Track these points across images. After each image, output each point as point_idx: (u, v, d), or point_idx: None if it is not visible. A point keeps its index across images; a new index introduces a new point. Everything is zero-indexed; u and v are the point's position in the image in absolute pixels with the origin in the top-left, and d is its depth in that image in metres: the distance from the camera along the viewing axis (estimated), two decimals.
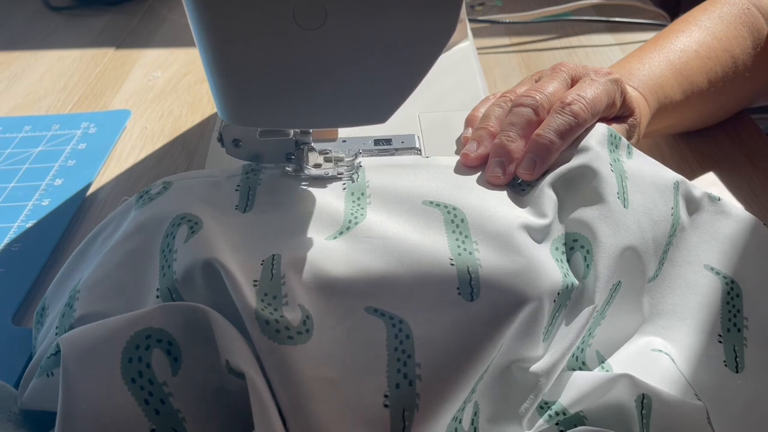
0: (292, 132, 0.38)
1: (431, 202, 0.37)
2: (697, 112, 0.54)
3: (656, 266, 0.39)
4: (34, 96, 0.72)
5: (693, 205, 0.41)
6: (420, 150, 0.45)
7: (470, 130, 0.44)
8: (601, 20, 0.79)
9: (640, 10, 0.81)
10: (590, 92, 0.41)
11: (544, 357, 0.34)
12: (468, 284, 0.33)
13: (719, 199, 0.42)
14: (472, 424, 0.33)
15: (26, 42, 0.83)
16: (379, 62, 0.30)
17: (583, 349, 0.36)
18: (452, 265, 0.33)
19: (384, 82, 0.31)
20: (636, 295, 0.38)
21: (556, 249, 0.36)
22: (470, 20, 0.75)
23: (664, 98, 0.49)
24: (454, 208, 0.37)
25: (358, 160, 0.41)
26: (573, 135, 0.40)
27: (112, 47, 0.81)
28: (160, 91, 0.71)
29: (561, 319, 0.35)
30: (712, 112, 0.55)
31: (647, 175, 0.40)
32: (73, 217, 0.53)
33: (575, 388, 0.34)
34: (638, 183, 0.39)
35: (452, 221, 0.36)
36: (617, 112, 0.44)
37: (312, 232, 0.36)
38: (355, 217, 0.37)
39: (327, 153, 0.41)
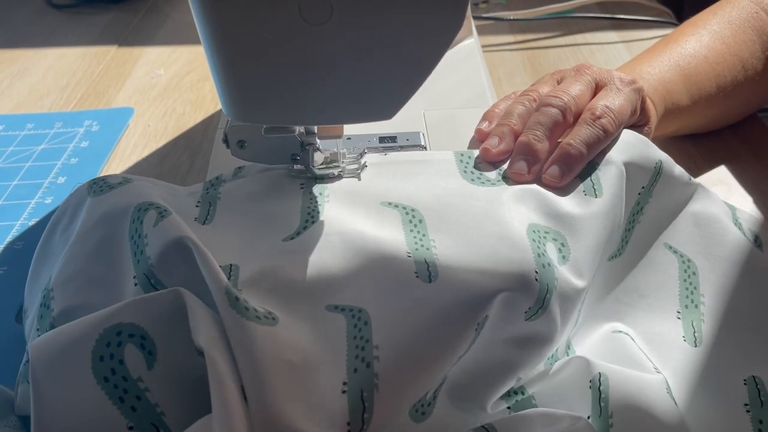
0: (297, 129, 0.38)
1: (389, 203, 0.38)
2: (705, 117, 0.54)
3: (619, 244, 0.40)
4: (37, 94, 0.71)
5: (669, 184, 0.42)
6: (425, 147, 0.45)
7: (486, 123, 0.44)
8: (605, 17, 0.78)
9: (645, 7, 0.80)
10: (617, 103, 0.41)
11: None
12: (426, 270, 0.33)
13: (690, 180, 0.42)
14: (435, 392, 0.33)
15: (29, 40, 0.83)
16: (385, 58, 0.30)
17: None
18: (409, 256, 0.33)
19: (390, 78, 0.31)
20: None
21: (534, 232, 0.36)
22: (474, 17, 0.75)
23: (671, 103, 0.48)
24: (413, 209, 0.37)
25: (363, 159, 0.41)
26: (600, 148, 0.40)
27: (115, 45, 0.81)
28: (163, 89, 0.71)
29: (554, 301, 0.34)
30: (720, 116, 0.55)
31: (629, 153, 0.40)
32: None
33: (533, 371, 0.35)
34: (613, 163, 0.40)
35: (410, 221, 0.36)
36: (635, 120, 0.44)
37: (270, 236, 0.36)
38: (312, 216, 0.37)
39: (332, 152, 0.41)
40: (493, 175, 0.40)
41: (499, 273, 0.32)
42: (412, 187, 0.39)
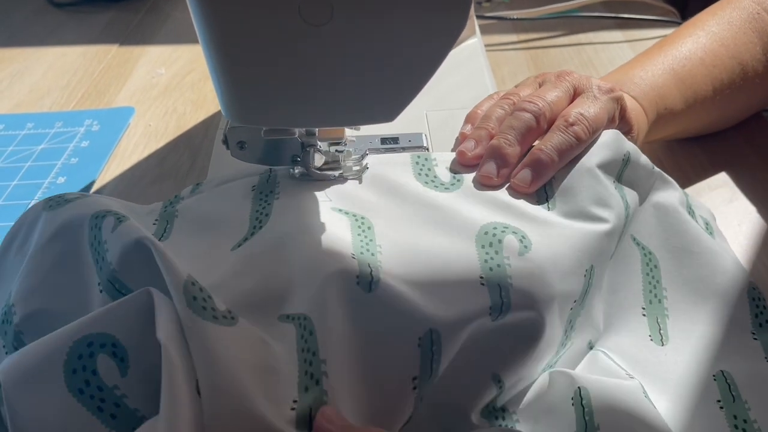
0: (297, 131, 0.38)
1: (339, 210, 0.37)
2: (701, 120, 0.53)
3: None
4: (37, 93, 0.71)
5: (636, 174, 0.41)
6: (428, 149, 0.45)
7: (469, 126, 0.44)
8: (609, 17, 0.78)
9: (649, 6, 0.80)
10: (592, 111, 0.41)
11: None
12: (368, 274, 0.32)
13: (653, 168, 0.42)
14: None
15: (29, 38, 0.83)
16: (386, 59, 0.30)
17: None
18: (353, 258, 0.33)
19: (392, 80, 0.31)
20: None
21: (486, 234, 0.35)
22: (477, 17, 0.74)
23: (664, 108, 0.48)
24: (363, 217, 0.37)
25: (365, 161, 0.40)
26: (572, 155, 0.40)
27: (116, 44, 0.80)
28: (164, 89, 0.71)
29: (516, 294, 0.33)
30: (718, 119, 0.54)
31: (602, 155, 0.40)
32: None
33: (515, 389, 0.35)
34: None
35: (359, 227, 0.36)
36: (614, 129, 0.43)
37: (222, 246, 0.36)
38: (260, 221, 0.37)
39: (333, 154, 0.40)
40: (448, 178, 0.40)
41: (441, 289, 0.32)
42: (367, 193, 0.39)
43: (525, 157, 0.39)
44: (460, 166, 0.41)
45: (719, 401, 0.34)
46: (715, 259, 0.40)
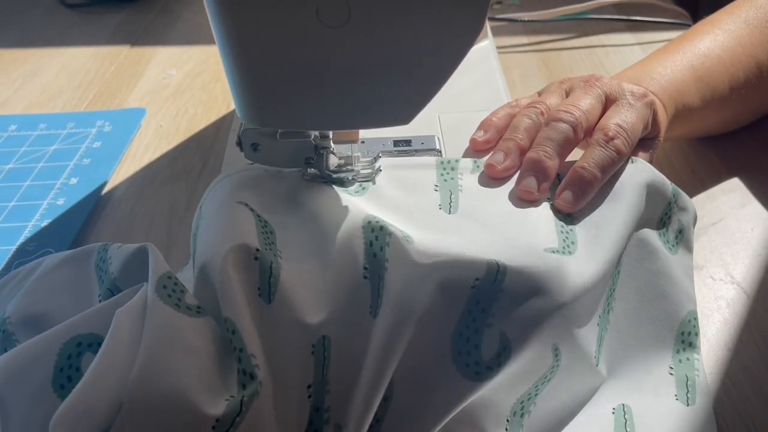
0: (312, 133, 0.38)
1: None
2: (718, 118, 0.53)
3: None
4: (50, 93, 0.71)
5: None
6: (440, 151, 0.45)
7: (482, 132, 0.43)
8: (621, 19, 0.77)
9: (661, 8, 0.79)
10: (630, 121, 0.40)
11: None
12: (267, 284, 0.32)
13: (633, 161, 0.41)
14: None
15: (41, 39, 0.83)
16: (403, 62, 0.30)
17: None
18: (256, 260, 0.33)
19: (408, 82, 0.31)
20: None
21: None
22: (489, 18, 0.74)
23: (682, 105, 0.48)
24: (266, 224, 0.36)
25: (377, 163, 0.40)
26: (613, 170, 0.39)
27: (127, 45, 0.81)
28: (175, 90, 0.71)
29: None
30: (734, 117, 0.54)
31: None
32: (88, 216, 0.53)
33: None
34: None
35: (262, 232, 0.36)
36: (645, 134, 0.43)
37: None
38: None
39: (346, 156, 0.40)
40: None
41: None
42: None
43: (567, 176, 0.39)
44: (489, 179, 0.39)
45: None
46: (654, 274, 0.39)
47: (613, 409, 0.34)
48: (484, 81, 0.54)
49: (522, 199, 0.38)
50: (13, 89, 0.72)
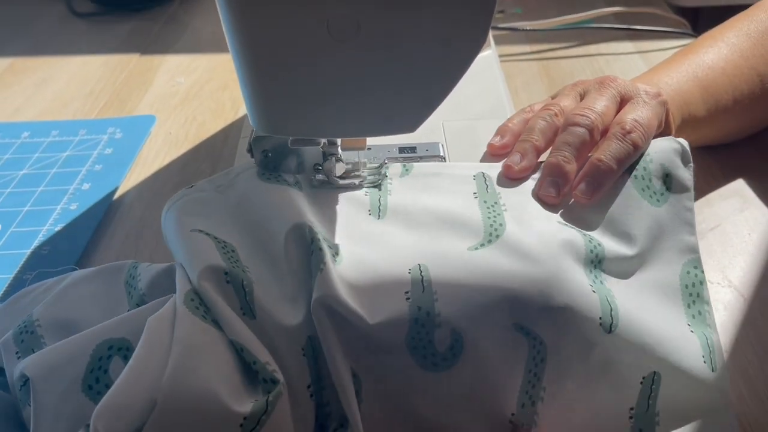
0: (321, 141, 0.39)
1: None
2: (721, 129, 0.54)
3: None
4: (61, 101, 0.73)
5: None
6: (444, 158, 0.46)
7: (499, 138, 0.45)
8: (621, 28, 0.79)
9: (661, 18, 0.81)
10: (646, 117, 0.41)
11: None
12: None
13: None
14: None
15: (52, 48, 0.85)
16: (409, 73, 0.31)
17: None
18: (228, 283, 0.34)
19: (414, 93, 0.32)
20: None
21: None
22: (491, 28, 0.75)
23: (688, 114, 0.49)
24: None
25: (383, 170, 0.42)
26: (629, 162, 0.40)
27: (137, 53, 0.82)
28: (184, 97, 0.72)
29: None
30: (737, 129, 0.55)
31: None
32: (100, 221, 0.54)
33: None
34: None
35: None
36: (658, 133, 0.44)
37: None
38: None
39: (354, 162, 0.42)
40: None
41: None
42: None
43: (584, 167, 0.40)
44: (506, 179, 0.41)
45: (631, 409, 0.34)
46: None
47: (643, 378, 0.34)
48: (487, 89, 0.55)
49: (545, 203, 0.39)
50: (25, 96, 0.74)
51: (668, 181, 0.41)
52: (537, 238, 0.35)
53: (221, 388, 0.29)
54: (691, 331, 0.35)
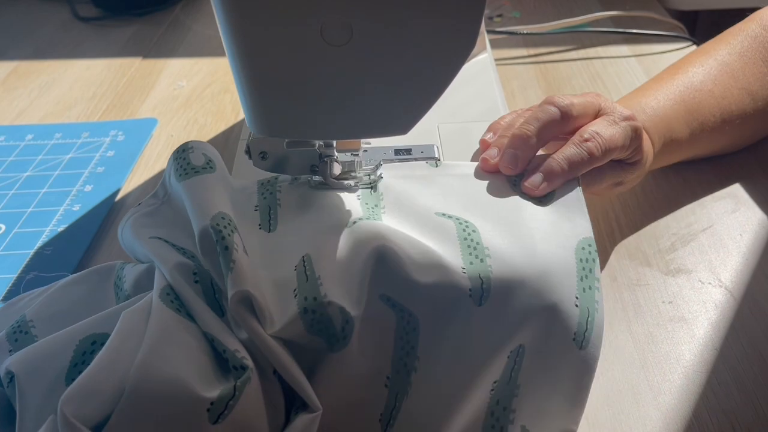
0: (316, 143, 0.40)
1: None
2: (706, 148, 0.54)
3: None
4: (65, 104, 0.74)
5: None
6: (439, 160, 0.47)
7: (491, 134, 0.46)
8: (618, 32, 0.79)
9: (658, 22, 0.81)
10: (608, 133, 0.42)
11: None
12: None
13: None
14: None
15: (56, 52, 0.86)
16: (401, 77, 0.32)
17: None
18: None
19: (406, 95, 0.33)
20: None
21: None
22: (488, 31, 0.76)
23: (670, 139, 0.49)
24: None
25: (379, 171, 0.43)
26: (582, 168, 0.42)
27: (139, 57, 0.83)
28: (185, 100, 0.73)
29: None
30: (727, 145, 0.55)
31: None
32: (102, 222, 0.55)
33: None
34: None
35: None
36: (625, 156, 0.45)
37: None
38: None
39: (349, 164, 0.42)
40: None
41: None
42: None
43: (539, 163, 0.41)
44: (483, 173, 0.42)
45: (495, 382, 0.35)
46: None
47: (510, 352, 0.35)
48: (483, 93, 0.56)
49: (504, 174, 0.42)
50: (29, 100, 0.75)
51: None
52: (414, 219, 0.38)
53: (191, 375, 0.30)
54: (576, 305, 0.35)
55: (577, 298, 0.35)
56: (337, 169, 0.41)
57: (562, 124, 0.43)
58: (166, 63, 0.82)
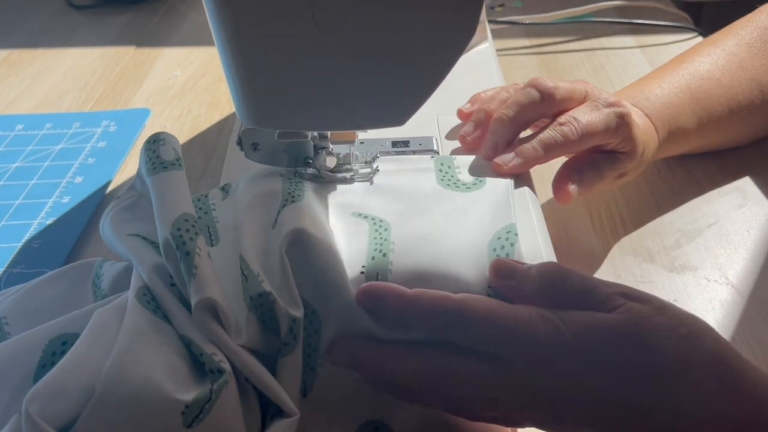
0: (310, 134, 0.38)
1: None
2: (714, 139, 0.53)
3: None
4: (56, 93, 0.72)
5: None
6: (438, 152, 0.45)
7: (469, 105, 0.46)
8: (622, 22, 0.78)
9: (662, 12, 0.80)
10: (587, 118, 0.42)
11: None
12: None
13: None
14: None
15: (49, 40, 0.84)
16: (397, 65, 0.30)
17: None
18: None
19: (402, 85, 0.31)
20: None
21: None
22: (490, 21, 0.75)
23: (676, 128, 0.48)
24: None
25: (375, 164, 0.41)
26: (556, 150, 0.41)
27: (133, 45, 0.82)
28: (180, 90, 0.72)
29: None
30: (734, 137, 0.54)
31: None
32: (92, 215, 0.54)
33: None
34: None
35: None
36: (615, 145, 0.43)
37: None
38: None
39: (344, 156, 0.41)
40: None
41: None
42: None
43: (513, 144, 0.42)
44: (464, 150, 0.43)
45: None
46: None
47: None
48: (484, 83, 0.54)
49: (486, 158, 0.42)
50: (20, 89, 0.74)
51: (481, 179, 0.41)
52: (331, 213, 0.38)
53: (164, 377, 0.29)
54: (489, 294, 0.34)
55: (489, 287, 0.34)
56: (331, 162, 0.40)
57: (543, 106, 0.42)
58: (161, 52, 0.80)
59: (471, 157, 0.42)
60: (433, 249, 0.35)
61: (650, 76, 0.51)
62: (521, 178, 0.41)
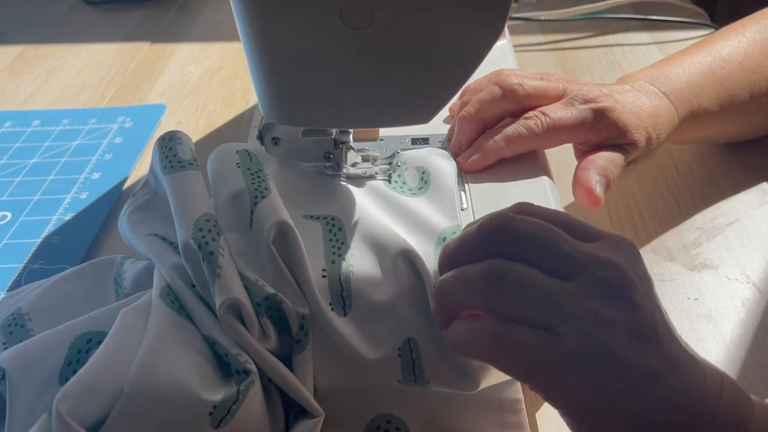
0: (333, 130, 0.38)
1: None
2: (737, 125, 0.52)
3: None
4: (72, 89, 0.73)
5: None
6: None
7: (458, 101, 0.47)
8: (637, 18, 0.77)
9: (678, 8, 0.79)
10: (557, 114, 0.42)
11: None
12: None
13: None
14: None
15: (63, 36, 0.84)
16: (425, 63, 0.30)
17: None
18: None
19: (429, 82, 0.31)
20: None
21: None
22: None
23: (698, 108, 0.48)
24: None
25: (395, 160, 0.41)
26: (520, 144, 0.42)
27: (148, 41, 0.82)
28: (195, 86, 0.72)
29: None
30: (754, 126, 0.54)
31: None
32: (110, 211, 0.54)
33: None
34: None
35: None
36: (596, 138, 0.43)
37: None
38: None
39: (365, 152, 0.41)
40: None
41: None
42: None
43: (477, 140, 0.42)
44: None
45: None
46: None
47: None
48: None
49: (454, 153, 0.43)
50: (36, 85, 0.74)
51: (426, 176, 0.41)
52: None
53: (192, 376, 0.29)
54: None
55: (434, 287, 0.33)
56: (352, 158, 0.40)
57: (507, 102, 0.43)
58: (176, 48, 0.80)
59: (422, 151, 0.42)
60: (386, 249, 0.35)
61: (672, 58, 0.50)
62: (540, 168, 0.41)
